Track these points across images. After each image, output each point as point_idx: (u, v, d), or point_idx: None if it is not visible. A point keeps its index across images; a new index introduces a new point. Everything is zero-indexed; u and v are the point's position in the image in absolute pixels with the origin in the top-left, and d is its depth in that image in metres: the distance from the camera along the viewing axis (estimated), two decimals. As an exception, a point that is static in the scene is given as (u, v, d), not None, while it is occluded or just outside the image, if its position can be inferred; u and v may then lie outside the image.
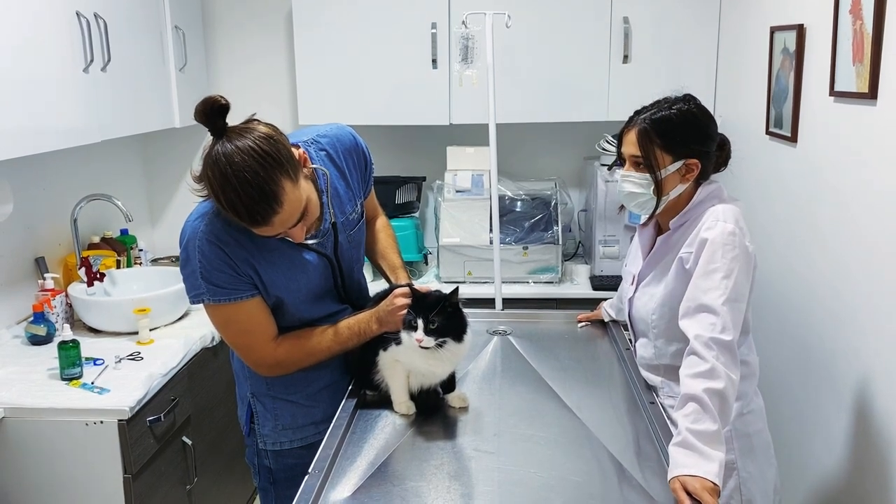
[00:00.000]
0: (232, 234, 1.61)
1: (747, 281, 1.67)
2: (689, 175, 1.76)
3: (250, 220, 1.50)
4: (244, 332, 1.71)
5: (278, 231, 1.56)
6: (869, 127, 1.89)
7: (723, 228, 1.67)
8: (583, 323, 2.23)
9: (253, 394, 1.84)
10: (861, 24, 1.88)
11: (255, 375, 1.82)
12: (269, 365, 1.75)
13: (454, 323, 1.60)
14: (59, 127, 2.31)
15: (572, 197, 3.47)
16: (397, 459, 1.51)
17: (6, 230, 2.54)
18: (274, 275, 1.67)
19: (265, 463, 1.88)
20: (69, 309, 2.63)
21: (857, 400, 1.95)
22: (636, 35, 3.09)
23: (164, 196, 3.63)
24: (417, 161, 3.51)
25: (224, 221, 1.60)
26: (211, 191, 1.50)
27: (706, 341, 1.56)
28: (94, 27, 2.45)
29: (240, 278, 1.63)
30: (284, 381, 1.81)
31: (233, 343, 1.75)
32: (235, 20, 3.49)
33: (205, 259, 1.60)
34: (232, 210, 1.49)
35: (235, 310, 1.66)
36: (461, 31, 2.77)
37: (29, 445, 2.07)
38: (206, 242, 1.60)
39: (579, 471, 1.46)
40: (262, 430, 1.85)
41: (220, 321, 1.70)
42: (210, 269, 1.61)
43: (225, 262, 1.61)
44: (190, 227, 1.63)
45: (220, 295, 1.63)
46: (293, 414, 1.83)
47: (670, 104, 1.77)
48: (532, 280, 3.14)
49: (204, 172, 1.50)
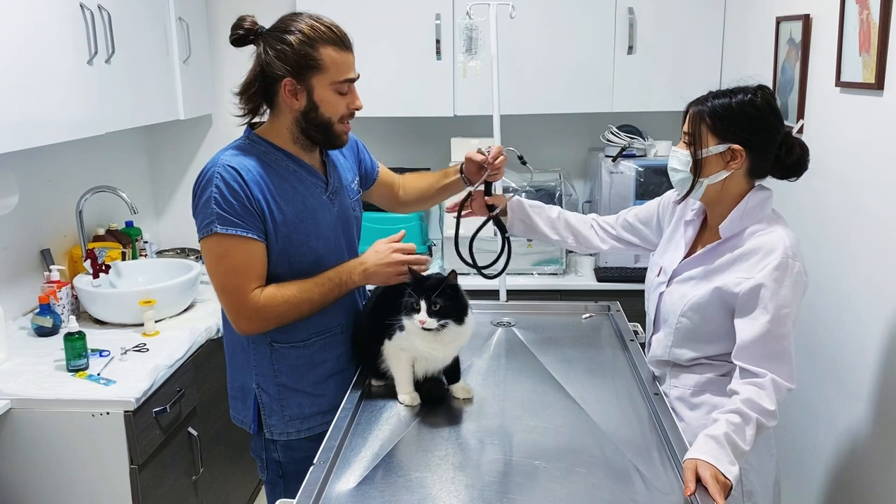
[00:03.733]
0: (253, 169, 1.69)
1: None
2: (734, 163, 1.67)
3: (345, 38, 1.70)
4: (235, 270, 1.69)
5: (355, 72, 1.73)
6: (875, 117, 1.88)
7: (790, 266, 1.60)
8: (587, 315, 2.23)
9: (258, 384, 1.83)
10: (868, 13, 1.87)
11: (262, 365, 1.81)
12: (249, 314, 1.70)
13: (456, 304, 1.61)
14: (64, 119, 2.31)
15: (577, 188, 3.46)
16: (402, 450, 1.51)
17: (12, 222, 2.55)
18: (287, 209, 1.71)
19: (274, 456, 1.87)
20: (75, 301, 2.64)
21: (862, 391, 1.95)
22: (641, 26, 3.08)
23: (168, 188, 3.63)
24: (421, 152, 3.51)
25: (249, 157, 1.71)
26: (304, 34, 1.66)
27: (779, 385, 1.56)
28: (98, 19, 2.44)
29: (250, 212, 1.67)
30: (290, 368, 1.81)
31: (220, 284, 1.71)
32: (239, 11, 3.45)
33: (222, 185, 1.66)
34: (328, 32, 1.67)
35: (236, 244, 1.67)
36: (465, 21, 2.77)
37: (35, 436, 2.08)
38: (226, 169, 1.67)
39: (583, 462, 1.46)
40: (270, 420, 1.84)
41: (217, 255, 1.69)
42: (224, 196, 1.65)
43: (241, 191, 1.66)
44: (212, 160, 1.71)
45: (228, 224, 1.65)
46: (300, 404, 1.83)
47: (736, 91, 1.70)
48: (536, 271, 3.14)
49: (291, 28, 1.68)
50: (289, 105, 1.71)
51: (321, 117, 1.72)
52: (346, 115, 1.74)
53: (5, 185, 2.37)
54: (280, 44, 1.67)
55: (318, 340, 1.83)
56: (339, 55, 1.68)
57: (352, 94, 1.74)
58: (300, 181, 1.76)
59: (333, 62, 1.68)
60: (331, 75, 1.68)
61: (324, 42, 1.67)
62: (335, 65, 1.68)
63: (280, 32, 1.69)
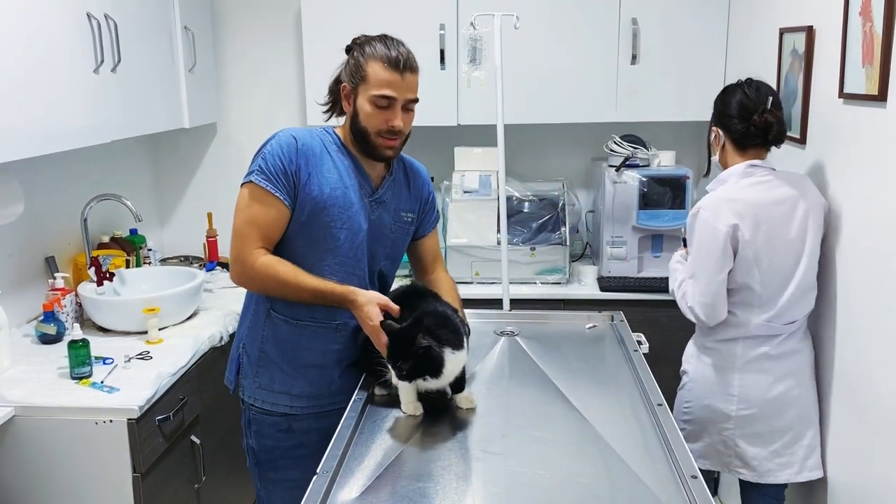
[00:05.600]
0: (311, 145, 1.85)
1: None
2: (716, 140, 2.25)
3: (395, 60, 1.79)
4: (251, 221, 1.82)
5: (398, 92, 1.81)
6: (878, 129, 1.88)
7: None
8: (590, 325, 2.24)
9: (244, 345, 1.97)
10: (871, 25, 1.87)
11: (254, 329, 1.94)
12: (244, 267, 1.83)
13: (426, 364, 1.60)
14: (70, 127, 2.32)
15: (580, 198, 3.46)
16: (405, 460, 1.51)
17: (17, 230, 2.56)
18: (325, 189, 1.84)
19: (249, 442, 2.01)
20: (79, 308, 2.64)
21: (865, 402, 1.95)
22: (644, 36, 3.09)
23: (173, 196, 3.64)
24: (425, 161, 3.44)
25: (313, 138, 1.86)
26: (365, 47, 1.83)
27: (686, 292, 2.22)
28: (104, 28, 2.46)
29: (288, 177, 1.81)
30: (276, 340, 1.93)
31: (235, 227, 1.85)
32: (244, 21, 3.51)
33: (276, 145, 1.83)
34: (383, 50, 1.80)
35: (262, 198, 1.81)
36: (469, 32, 2.78)
37: (39, 444, 2.08)
38: (287, 135, 1.85)
39: (587, 472, 1.46)
40: (244, 381, 1.98)
41: (244, 201, 1.83)
42: (272, 155, 1.82)
43: (287, 155, 1.81)
44: (280, 131, 1.89)
45: (264, 178, 1.81)
46: (272, 377, 1.94)
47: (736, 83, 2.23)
48: (539, 281, 3.14)
49: (354, 48, 1.87)
50: (345, 107, 1.89)
51: (360, 125, 1.85)
52: (384, 131, 1.83)
53: (11, 194, 2.38)
54: (357, 51, 1.86)
55: (312, 326, 1.91)
56: (385, 72, 1.80)
57: (391, 112, 1.82)
58: (349, 175, 1.89)
59: (376, 76, 1.80)
60: (370, 87, 1.81)
61: (375, 58, 1.81)
62: (377, 78, 1.80)
63: (361, 46, 1.86)
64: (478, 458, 1.52)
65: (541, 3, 3.08)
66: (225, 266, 3.25)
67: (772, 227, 2.08)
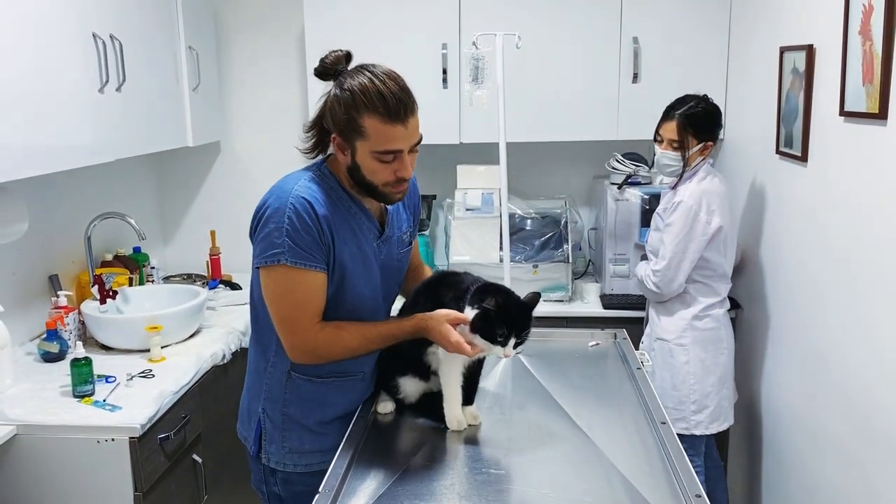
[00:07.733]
0: (324, 204, 1.67)
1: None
2: (706, 151, 2.60)
3: (395, 109, 1.60)
4: (299, 304, 1.68)
5: (404, 143, 1.64)
6: (879, 147, 1.89)
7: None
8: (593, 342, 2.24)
9: (264, 409, 1.82)
10: (871, 44, 1.88)
11: (273, 391, 1.80)
12: (307, 349, 1.72)
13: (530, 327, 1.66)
14: (74, 146, 2.34)
15: (582, 215, 3.47)
16: (408, 479, 1.51)
17: (21, 248, 2.57)
18: (344, 251, 1.70)
19: (274, 490, 1.86)
20: (82, 326, 2.64)
21: (868, 417, 1.94)
22: (646, 54, 3.11)
23: (176, 214, 3.65)
24: (428, 179, 3.51)
25: (320, 190, 1.68)
26: (353, 96, 1.61)
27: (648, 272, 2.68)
28: (109, 48, 2.48)
29: (320, 246, 1.66)
30: (300, 401, 1.80)
31: (283, 316, 1.71)
32: (248, 41, 3.53)
33: (295, 217, 1.63)
34: (378, 100, 1.59)
35: (303, 278, 1.66)
36: (472, 51, 2.79)
37: (41, 462, 2.07)
38: (301, 200, 1.64)
39: (590, 491, 1.46)
40: (269, 447, 1.83)
41: (282, 289, 1.68)
42: (297, 229, 1.63)
43: (312, 225, 1.64)
44: (282, 188, 1.69)
45: (299, 257, 1.64)
46: (301, 438, 1.81)
47: (696, 102, 2.59)
48: (542, 298, 3.13)
49: (346, 85, 1.63)
50: (339, 158, 1.71)
51: (365, 179, 1.69)
52: (392, 182, 1.68)
53: (15, 212, 2.39)
54: (337, 96, 1.65)
55: (337, 381, 1.80)
56: (384, 126, 1.61)
57: (399, 163, 1.66)
58: (358, 225, 1.75)
59: (376, 131, 1.61)
60: (372, 144, 1.63)
61: (370, 110, 1.60)
62: (378, 134, 1.62)
63: (345, 80, 1.65)
64: (480, 477, 1.51)
65: (542, 22, 3.11)
66: (227, 283, 3.26)
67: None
